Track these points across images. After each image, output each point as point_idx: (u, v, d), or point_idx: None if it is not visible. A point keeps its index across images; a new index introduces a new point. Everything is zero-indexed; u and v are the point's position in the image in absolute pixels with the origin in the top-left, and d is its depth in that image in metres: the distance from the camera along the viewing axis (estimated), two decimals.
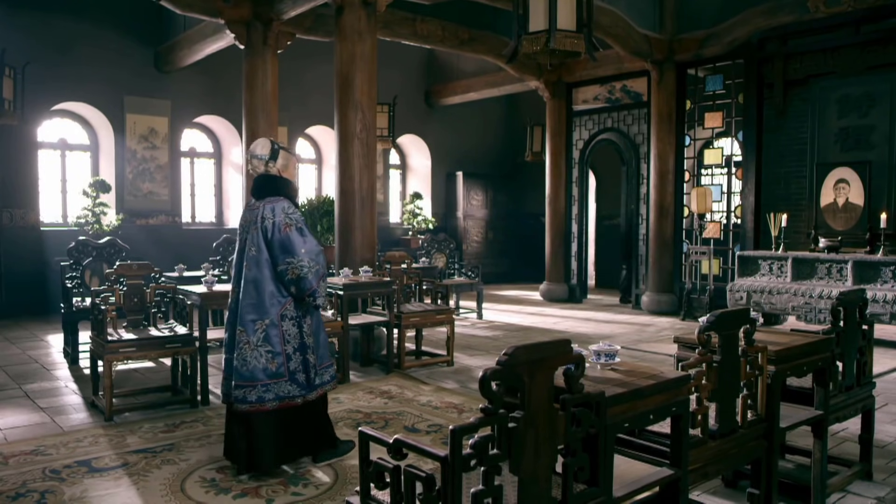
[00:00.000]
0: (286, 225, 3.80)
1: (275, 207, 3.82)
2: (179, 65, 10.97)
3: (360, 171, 7.13)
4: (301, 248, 3.80)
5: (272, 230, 3.78)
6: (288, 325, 3.83)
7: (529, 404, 2.04)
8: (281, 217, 3.79)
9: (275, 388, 3.78)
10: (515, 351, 2.00)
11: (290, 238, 3.78)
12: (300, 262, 3.78)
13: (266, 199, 3.88)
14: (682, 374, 2.69)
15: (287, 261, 3.77)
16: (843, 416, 3.71)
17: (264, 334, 3.78)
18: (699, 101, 10.37)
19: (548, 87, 11.96)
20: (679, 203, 10.56)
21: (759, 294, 8.81)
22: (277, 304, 3.79)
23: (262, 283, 3.79)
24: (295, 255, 3.78)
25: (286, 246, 3.78)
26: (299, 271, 3.78)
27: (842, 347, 3.62)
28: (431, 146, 14.87)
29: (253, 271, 3.81)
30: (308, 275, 3.80)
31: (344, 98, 7.17)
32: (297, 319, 3.86)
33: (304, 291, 3.82)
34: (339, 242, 7.33)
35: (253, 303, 3.79)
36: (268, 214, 3.81)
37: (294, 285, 3.80)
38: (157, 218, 11.43)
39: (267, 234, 3.79)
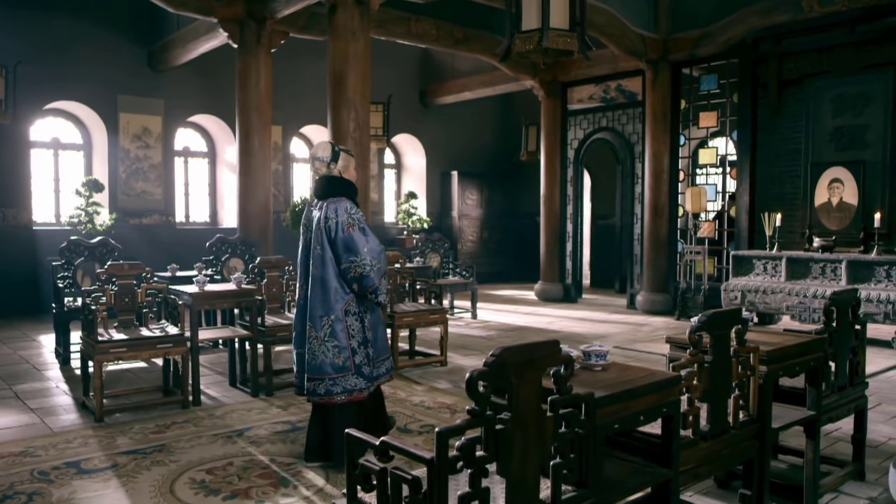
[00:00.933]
0: (349, 224, 3.95)
1: (338, 207, 3.97)
2: (173, 64, 10.93)
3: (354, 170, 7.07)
4: (364, 248, 3.94)
5: (336, 229, 3.93)
6: (351, 320, 3.98)
7: (517, 406, 2.02)
8: (344, 217, 3.95)
9: (342, 382, 3.94)
10: (503, 352, 1.98)
11: (352, 237, 3.93)
12: (363, 261, 3.92)
13: (329, 199, 4.03)
14: (673, 374, 2.67)
15: (350, 259, 3.91)
16: (836, 416, 3.70)
17: (330, 329, 3.93)
18: (694, 100, 10.35)
19: (543, 87, 11.94)
20: (674, 202, 10.54)
21: (753, 293, 8.81)
22: (341, 300, 3.94)
23: (328, 281, 3.94)
24: (357, 253, 3.92)
25: (349, 245, 3.92)
26: (362, 269, 3.92)
27: (834, 347, 3.60)
28: (426, 145, 14.85)
29: (319, 269, 3.97)
30: (370, 273, 3.95)
31: (337, 97, 7.14)
32: (360, 315, 4.01)
33: (367, 289, 3.97)
34: None
35: (320, 299, 3.95)
36: (331, 214, 3.95)
37: (356, 283, 3.94)
38: (150, 217, 11.40)
39: (330, 234, 3.94)
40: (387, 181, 15.07)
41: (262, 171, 8.83)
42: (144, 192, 11.34)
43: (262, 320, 5.80)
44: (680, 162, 10.56)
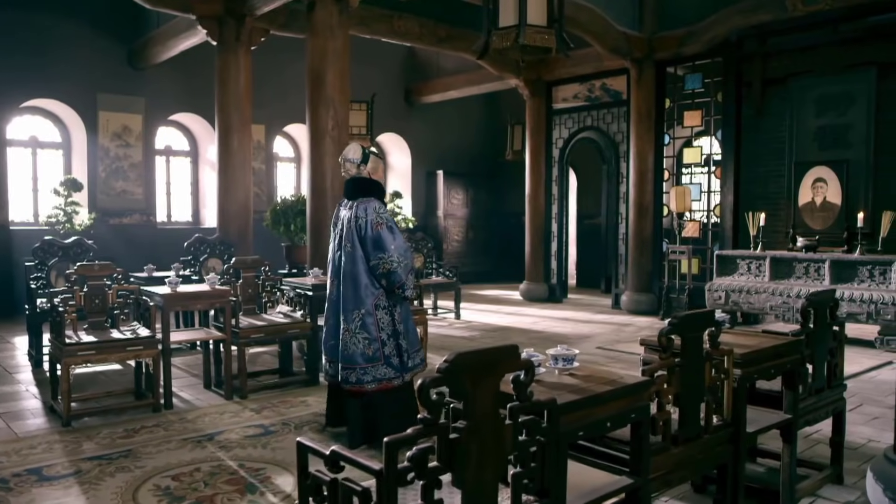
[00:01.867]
0: (378, 223, 4.15)
1: (367, 207, 4.17)
2: (153, 62, 10.80)
3: (332, 168, 7.00)
4: (391, 245, 4.14)
5: (366, 228, 4.14)
6: (381, 313, 4.19)
7: (473, 413, 1.93)
8: (373, 216, 4.15)
9: (372, 371, 4.17)
10: (457, 357, 1.89)
11: (381, 236, 4.13)
12: (390, 258, 4.12)
13: (359, 199, 4.25)
14: (642, 379, 2.60)
15: (379, 256, 4.12)
16: (814, 419, 3.64)
17: (361, 322, 4.16)
18: (678, 99, 10.30)
19: (527, 86, 11.87)
20: (658, 202, 10.49)
21: (737, 293, 8.76)
22: (371, 295, 4.16)
23: (358, 277, 4.16)
24: (386, 250, 4.12)
25: (378, 242, 4.13)
26: (389, 266, 4.13)
27: (812, 349, 3.54)
28: (411, 145, 14.76)
29: (349, 266, 4.19)
30: (398, 269, 4.14)
31: (315, 95, 7.05)
32: (390, 309, 4.22)
33: (394, 284, 4.17)
34: (310, 242, 7.21)
35: (351, 294, 4.18)
36: (361, 214, 4.16)
37: (385, 278, 4.16)
38: (130, 217, 11.26)
39: (360, 232, 4.15)
40: None
41: (241, 170, 8.72)
42: (125, 191, 11.20)
43: (236, 322, 5.70)
44: (665, 161, 10.50)
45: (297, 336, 6.05)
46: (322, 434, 4.70)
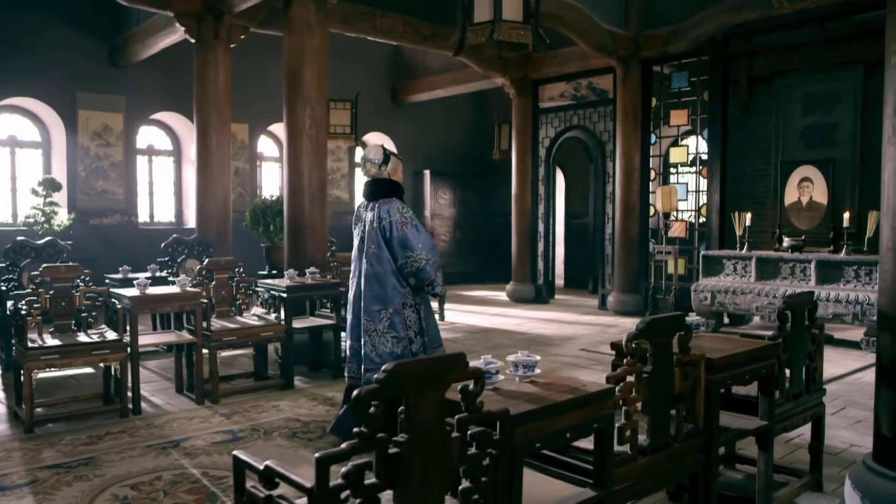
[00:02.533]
0: (402, 223, 4.18)
1: (390, 208, 4.20)
2: (134, 59, 10.66)
3: (309, 168, 6.89)
4: (418, 244, 4.17)
5: (390, 228, 4.17)
6: (409, 312, 4.22)
7: (415, 426, 1.81)
8: (397, 216, 4.18)
9: None
10: (397, 367, 1.78)
11: (407, 235, 4.16)
12: (419, 256, 4.15)
13: (380, 200, 4.28)
14: (606, 387, 2.48)
15: (406, 255, 4.15)
16: (791, 425, 3.53)
17: (389, 321, 4.18)
18: (665, 98, 10.21)
19: (514, 85, 11.77)
20: (645, 202, 10.39)
21: (723, 294, 8.67)
22: (399, 294, 4.18)
23: (384, 277, 4.18)
24: (413, 249, 4.15)
25: (404, 242, 4.16)
26: (418, 264, 4.16)
27: (789, 353, 3.43)
28: (398, 144, 14.60)
29: (375, 266, 4.21)
30: (426, 266, 4.18)
31: (292, 93, 6.92)
32: (416, 307, 4.26)
33: (423, 282, 4.21)
34: (288, 243, 7.07)
35: (377, 294, 4.19)
36: (384, 215, 4.19)
37: (413, 277, 4.18)
38: (111, 217, 11.11)
39: (385, 233, 4.18)
40: (360, 180, 14.83)
41: (221, 169, 8.59)
42: (105, 191, 11.05)
43: (207, 324, 5.56)
44: (651, 160, 10.41)
45: (270, 339, 5.92)
46: (293, 441, 4.58)
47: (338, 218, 13.78)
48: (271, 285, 6.14)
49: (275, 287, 6.08)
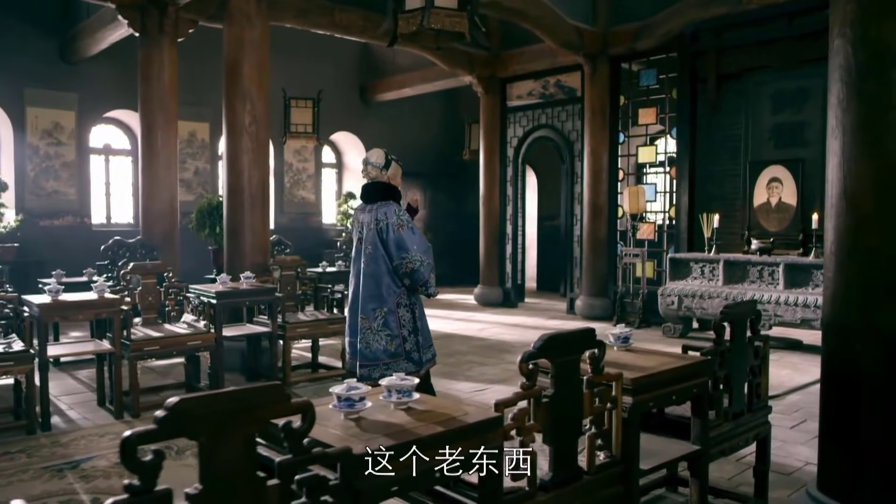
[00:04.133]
0: (399, 226, 4.34)
1: (388, 211, 4.37)
2: (85, 55, 10.26)
3: (249, 166, 6.54)
4: (413, 245, 4.31)
5: (387, 230, 4.31)
6: (403, 311, 4.34)
7: (210, 474, 1.47)
8: (394, 219, 4.34)
9: (394, 367, 4.20)
10: (181, 403, 1.43)
11: (403, 237, 4.30)
12: (413, 257, 4.28)
13: (378, 203, 4.43)
14: (491, 416, 2.14)
15: (402, 256, 4.28)
16: (731, 448, 3.21)
17: (384, 320, 4.30)
18: (633, 96, 9.90)
19: (481, 83, 11.45)
20: (613, 203, 10.08)
21: (690, 298, 8.36)
22: (394, 293, 4.31)
23: (380, 277, 4.31)
24: (408, 251, 4.28)
25: (400, 243, 4.29)
26: (413, 265, 4.29)
27: (727, 369, 3.11)
28: (367, 144, 14.22)
29: (371, 266, 4.35)
30: (420, 268, 4.31)
31: (231, 88, 6.58)
32: (411, 307, 4.38)
33: (417, 282, 4.34)
34: (227, 246, 6.72)
35: (373, 294, 4.32)
36: (381, 217, 4.34)
37: (408, 277, 4.32)
38: (63, 219, 10.70)
39: (382, 234, 4.32)
40: (328, 181, 14.49)
41: (167, 168, 8.20)
42: (56, 191, 10.64)
43: (127, 333, 5.19)
44: (620, 160, 10.09)
45: (198, 348, 5.55)
46: None
47: (303, 219, 13.46)
48: (202, 290, 5.78)
49: (205, 292, 5.72)
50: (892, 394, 2.69)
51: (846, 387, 2.81)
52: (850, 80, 2.73)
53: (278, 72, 12.00)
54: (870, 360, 2.70)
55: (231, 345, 6.50)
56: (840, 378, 2.85)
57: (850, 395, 2.79)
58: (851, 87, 2.72)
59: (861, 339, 2.74)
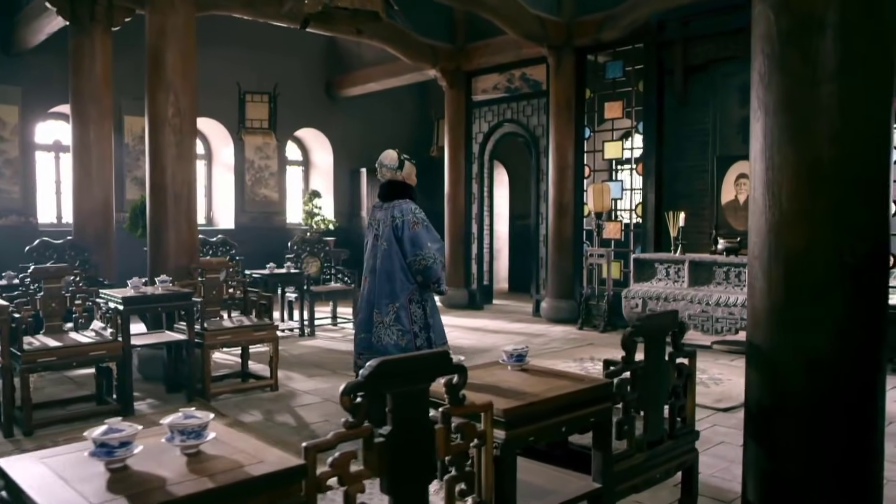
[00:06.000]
0: (414, 223, 4.39)
1: (403, 209, 4.43)
2: (27, 46, 9.79)
3: (172, 162, 6.09)
4: (428, 243, 4.36)
5: (403, 227, 4.36)
6: (414, 307, 4.38)
7: None
8: (410, 217, 4.39)
9: None
10: None
11: (418, 234, 4.35)
12: (427, 255, 4.34)
13: (394, 201, 4.51)
14: (291, 465, 1.70)
15: (416, 253, 4.33)
16: (645, 482, 2.77)
17: (395, 315, 4.35)
18: (599, 89, 9.47)
19: (445, 76, 11.00)
20: (580, 201, 9.65)
21: (654, 301, 7.94)
22: (406, 290, 4.35)
23: (394, 273, 4.35)
24: (423, 248, 4.33)
25: (415, 241, 4.34)
26: (426, 262, 4.34)
27: (640, 391, 2.68)
28: (334, 141, 13.82)
29: (386, 263, 4.39)
30: (434, 265, 4.37)
31: (154, 77, 6.13)
32: (422, 303, 4.42)
33: (430, 279, 4.39)
34: (150, 247, 6.27)
35: (386, 289, 4.37)
36: (398, 214, 4.40)
37: (421, 274, 4.36)
38: (6, 218, 10.23)
39: (397, 231, 4.37)
40: (295, 179, 14.03)
41: (100, 165, 7.77)
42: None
43: (19, 344, 4.73)
44: (586, 157, 9.66)
45: (102, 359, 5.10)
46: None
47: (266, 219, 13.00)
48: (111, 295, 5.33)
49: (113, 297, 5.27)
50: (822, 431, 2.26)
51: (770, 419, 2.38)
52: (773, 52, 2.30)
53: (240, 65, 11.62)
54: (796, 388, 2.27)
55: (154, 353, 6.09)
56: (764, 406, 2.42)
57: (775, 432, 2.36)
58: (773, 60, 2.30)
59: (786, 361, 2.31)
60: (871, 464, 2.33)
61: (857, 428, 2.30)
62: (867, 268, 2.25)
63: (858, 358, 2.30)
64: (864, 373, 2.31)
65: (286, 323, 8.97)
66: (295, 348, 7.84)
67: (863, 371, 2.31)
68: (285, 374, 6.44)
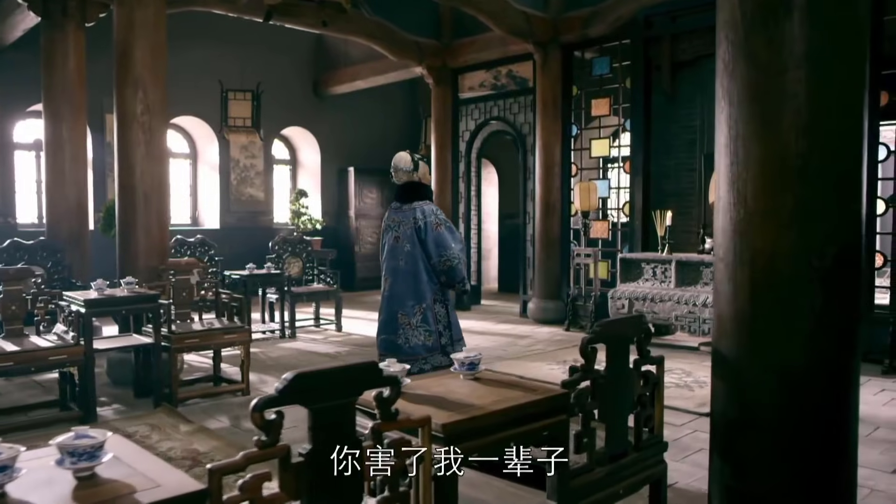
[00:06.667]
0: (437, 224, 4.43)
1: (425, 210, 4.44)
2: (2, 44, 9.63)
3: (141, 160, 5.92)
4: (452, 243, 4.40)
5: (426, 229, 4.38)
6: (438, 307, 4.45)
7: None
8: (432, 218, 4.42)
9: (431, 360, 4.35)
10: None
11: (442, 235, 4.39)
12: (451, 255, 4.37)
13: (413, 202, 4.50)
14: (191, 489, 1.53)
15: (441, 254, 4.37)
16: (608, 497, 2.60)
17: (422, 316, 4.37)
18: (586, 86, 9.30)
19: (431, 73, 10.84)
20: (567, 200, 9.48)
21: (641, 301, 7.79)
22: (430, 290, 4.40)
23: (418, 274, 4.37)
24: (448, 248, 4.37)
25: (440, 242, 4.37)
26: (451, 262, 4.38)
27: (601, 402, 2.51)
28: (321, 140, 13.64)
29: (409, 265, 4.40)
30: (458, 265, 4.42)
31: (122, 73, 5.94)
32: (444, 302, 4.50)
33: (455, 279, 4.46)
34: (119, 248, 6.09)
35: (411, 291, 4.38)
36: (419, 216, 4.42)
37: (445, 275, 4.42)
38: None
39: (420, 233, 4.38)
40: (283, 178, 13.86)
41: (74, 163, 7.59)
42: None
43: None
44: (573, 154, 9.50)
45: (63, 364, 4.92)
46: None
47: (252, 219, 12.82)
48: (74, 298, 5.16)
49: (75, 300, 5.10)
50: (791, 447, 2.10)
51: (736, 434, 2.22)
52: (737, 38, 2.15)
53: (226, 63, 11.43)
54: (762, 401, 2.10)
55: (123, 357, 5.92)
56: (729, 419, 2.25)
57: (740, 447, 2.20)
58: (737, 47, 2.14)
59: (752, 371, 2.15)
60: (843, 483, 2.17)
61: (829, 444, 2.13)
62: (838, 271, 2.08)
63: (829, 368, 2.13)
64: (835, 384, 2.14)
65: (267, 325, 8.79)
66: (273, 350, 7.68)
67: (834, 382, 2.14)
68: (259, 378, 6.29)
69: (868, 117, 6.69)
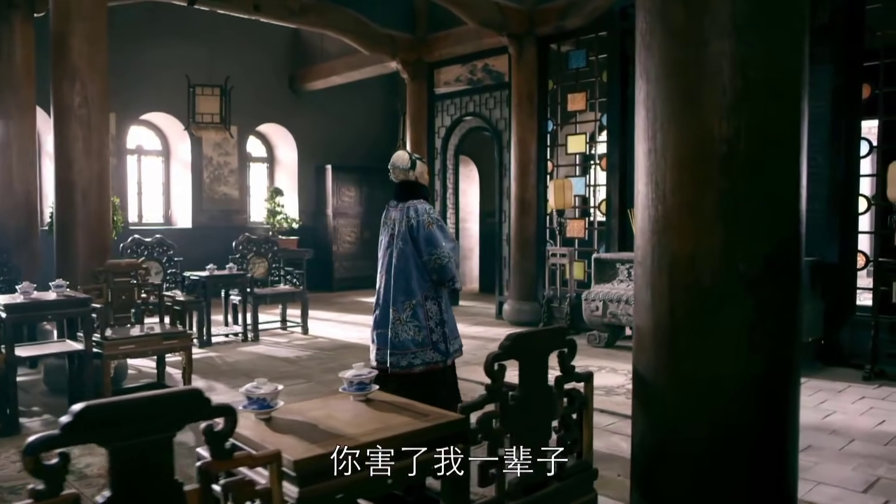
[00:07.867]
0: (429, 223, 4.42)
1: (418, 208, 4.45)
2: None
3: (80, 156, 5.61)
4: (442, 242, 4.42)
5: (418, 227, 4.40)
6: (430, 304, 4.42)
7: None
8: (425, 217, 4.42)
9: (421, 356, 4.40)
10: None
11: (433, 234, 4.39)
12: (442, 253, 4.38)
13: (409, 201, 4.50)
14: None
15: (431, 252, 4.38)
16: None
17: (412, 312, 4.38)
18: (562, 80, 8.99)
19: (406, 68, 10.53)
20: (543, 198, 9.17)
21: (615, 303, 7.48)
22: (422, 287, 4.39)
23: (410, 272, 4.40)
24: (438, 247, 4.38)
25: (430, 240, 4.39)
26: (441, 261, 4.38)
27: (510, 427, 2.20)
28: (298, 137, 13.31)
29: (402, 262, 4.43)
30: (448, 264, 4.42)
31: (58, 64, 5.63)
32: (437, 300, 4.47)
33: (445, 277, 4.45)
34: (56, 248, 5.78)
35: (403, 287, 4.40)
36: (413, 214, 4.43)
37: (436, 273, 4.42)
38: None
39: (413, 231, 4.41)
40: (259, 176, 13.54)
41: (21, 161, 7.27)
42: None
43: None
44: (548, 151, 9.19)
45: None
46: None
47: (226, 217, 12.50)
48: None
49: None
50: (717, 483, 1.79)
51: (654, 466, 1.91)
52: (654, 5, 1.82)
53: (198, 58, 11.11)
54: (684, 429, 1.79)
55: (60, 363, 5.61)
56: (648, 450, 1.94)
57: (659, 482, 1.89)
58: (654, 14, 1.83)
59: (673, 395, 1.83)
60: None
61: (761, 479, 1.82)
62: (770, 277, 1.77)
63: (762, 392, 1.82)
64: (769, 410, 1.83)
65: (230, 328, 8.48)
66: (232, 355, 7.37)
67: (768, 408, 1.83)
68: (208, 385, 5.99)
69: (849, 111, 6.33)
